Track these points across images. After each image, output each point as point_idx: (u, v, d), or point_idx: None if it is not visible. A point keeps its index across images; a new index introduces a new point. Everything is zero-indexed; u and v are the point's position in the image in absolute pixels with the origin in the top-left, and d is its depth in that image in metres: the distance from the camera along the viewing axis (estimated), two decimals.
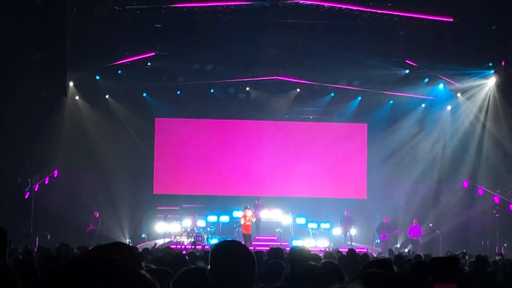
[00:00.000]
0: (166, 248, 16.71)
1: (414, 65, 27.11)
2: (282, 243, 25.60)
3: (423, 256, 15.72)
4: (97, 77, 28.74)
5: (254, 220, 27.26)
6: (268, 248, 12.42)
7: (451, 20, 23.70)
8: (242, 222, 26.74)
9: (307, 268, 6.03)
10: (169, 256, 11.31)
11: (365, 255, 14.59)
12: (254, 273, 4.00)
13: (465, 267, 13.28)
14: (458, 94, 28.65)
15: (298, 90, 30.82)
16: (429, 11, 23.41)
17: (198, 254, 12.38)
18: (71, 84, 27.13)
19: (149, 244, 24.96)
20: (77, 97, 28.82)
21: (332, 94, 31.10)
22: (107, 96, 30.17)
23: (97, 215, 28.39)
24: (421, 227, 28.37)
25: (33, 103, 24.95)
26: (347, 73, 28.53)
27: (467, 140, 28.66)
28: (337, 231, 29.76)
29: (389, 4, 23.31)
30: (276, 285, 5.85)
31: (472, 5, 21.92)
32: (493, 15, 22.32)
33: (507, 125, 25.74)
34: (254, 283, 4.11)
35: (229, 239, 4.84)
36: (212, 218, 29.50)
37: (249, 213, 26.86)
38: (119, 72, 28.59)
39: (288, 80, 29.60)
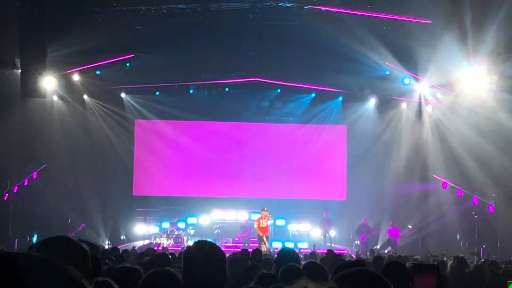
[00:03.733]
0: (148, 250, 16.64)
1: (395, 66, 27.16)
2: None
3: (399, 257, 15.75)
4: (76, 78, 28.48)
5: (269, 223, 26.87)
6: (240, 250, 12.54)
7: (429, 22, 23.81)
8: (256, 225, 26.69)
9: (290, 268, 6.02)
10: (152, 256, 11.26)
11: (343, 256, 14.61)
12: (225, 274, 4.00)
13: (446, 269, 13.34)
14: (438, 95, 28.64)
15: (279, 91, 30.79)
16: (408, 13, 23.47)
17: (177, 255, 12.30)
18: (49, 84, 26.85)
19: (128, 246, 24.85)
20: (55, 98, 28.58)
21: (313, 95, 31.10)
22: (85, 97, 29.95)
23: (70, 221, 27.96)
24: (399, 228, 28.44)
25: (10, 105, 24.78)
26: (328, 74, 28.46)
27: (447, 141, 28.67)
28: (317, 232, 29.83)
29: (368, 6, 23.38)
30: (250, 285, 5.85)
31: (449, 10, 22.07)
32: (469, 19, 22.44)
33: (485, 125, 25.72)
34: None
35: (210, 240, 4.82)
36: (192, 220, 29.48)
37: (263, 222, 26.50)
38: (98, 72, 28.41)
39: (268, 82, 29.54)
